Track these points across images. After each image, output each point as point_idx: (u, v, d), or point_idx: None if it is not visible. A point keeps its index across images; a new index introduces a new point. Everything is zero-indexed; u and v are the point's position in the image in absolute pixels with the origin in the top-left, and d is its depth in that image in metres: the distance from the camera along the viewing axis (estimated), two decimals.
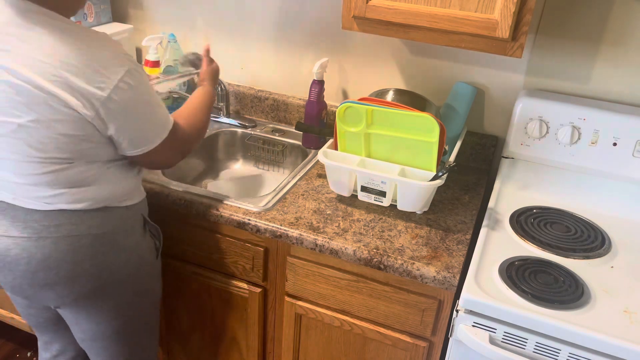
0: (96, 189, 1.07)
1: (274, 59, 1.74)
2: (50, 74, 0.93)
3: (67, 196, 1.04)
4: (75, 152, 1.01)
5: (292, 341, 1.42)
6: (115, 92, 0.98)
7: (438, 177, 1.24)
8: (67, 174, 1.02)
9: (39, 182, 1.01)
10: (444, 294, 1.18)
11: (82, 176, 1.04)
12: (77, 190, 1.04)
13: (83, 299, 1.13)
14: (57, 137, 0.98)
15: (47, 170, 1.00)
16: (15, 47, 0.94)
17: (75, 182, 1.03)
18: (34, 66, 0.93)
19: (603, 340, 0.97)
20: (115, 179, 1.10)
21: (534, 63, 1.44)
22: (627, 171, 1.34)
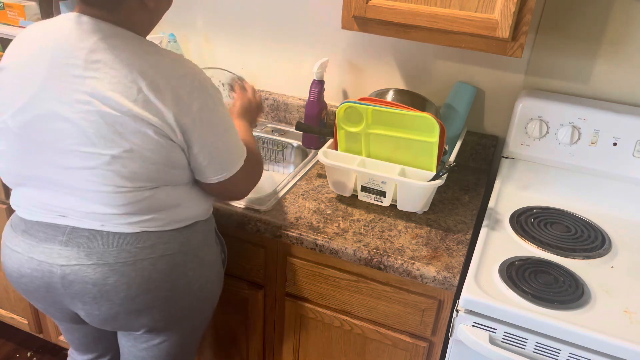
0: (181, 210, 1.04)
1: (274, 59, 1.74)
2: (141, 99, 0.91)
3: (156, 221, 1.01)
4: (162, 178, 0.98)
5: (292, 341, 1.42)
6: (199, 115, 0.96)
7: (438, 177, 1.24)
8: (154, 199, 0.99)
9: (128, 211, 0.98)
10: (444, 294, 1.18)
11: (168, 199, 1.01)
12: (164, 215, 1.02)
13: (176, 320, 1.10)
14: (149, 166, 0.95)
15: (136, 199, 0.97)
16: (104, 74, 0.91)
17: (162, 207, 1.01)
18: (124, 92, 0.90)
19: (603, 340, 0.97)
20: (197, 198, 1.08)
21: (534, 63, 1.44)
22: (627, 171, 1.34)
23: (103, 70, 0.91)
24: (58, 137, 0.93)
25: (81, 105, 0.91)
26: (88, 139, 0.92)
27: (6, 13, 1.79)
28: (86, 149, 0.92)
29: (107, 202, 0.96)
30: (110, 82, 0.90)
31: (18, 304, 1.88)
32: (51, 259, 1.00)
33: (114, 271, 0.99)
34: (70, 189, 0.97)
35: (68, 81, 0.91)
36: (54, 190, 0.98)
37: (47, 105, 0.92)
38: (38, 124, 0.94)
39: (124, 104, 0.90)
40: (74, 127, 0.92)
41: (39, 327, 1.91)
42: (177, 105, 0.93)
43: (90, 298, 1.01)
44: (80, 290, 1.01)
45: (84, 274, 0.99)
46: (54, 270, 1.00)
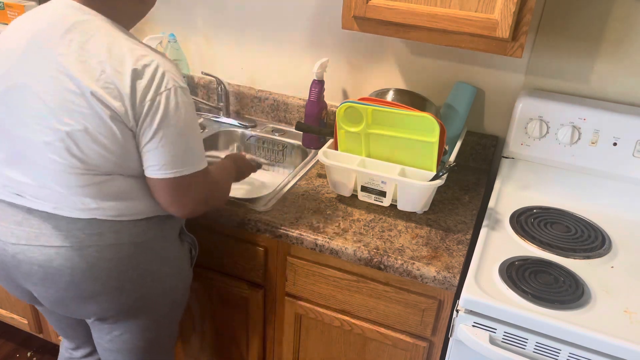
0: (136, 204, 1.04)
1: (274, 59, 1.74)
2: (103, 80, 0.93)
3: (108, 210, 1.02)
4: (117, 164, 0.99)
5: (292, 341, 1.42)
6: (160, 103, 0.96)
7: (438, 177, 1.24)
8: (108, 187, 1.00)
9: (80, 193, 0.99)
10: (444, 294, 1.18)
11: (122, 189, 1.02)
12: (117, 205, 1.02)
13: (125, 313, 1.10)
14: (101, 151, 0.96)
15: (89, 183, 0.98)
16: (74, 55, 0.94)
17: (116, 196, 1.01)
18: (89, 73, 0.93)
19: (603, 340, 0.97)
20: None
21: (534, 63, 1.44)
22: (627, 171, 1.34)
23: (74, 49, 0.94)
24: (25, 109, 0.97)
25: (50, 80, 0.94)
26: (50, 113, 0.95)
27: (6, 13, 1.79)
28: (45, 123, 0.95)
29: (60, 180, 0.98)
30: (78, 61, 0.94)
31: (18, 304, 1.88)
32: (4, 237, 1.03)
33: (59, 255, 1.01)
34: (30, 163, 0.99)
35: (42, 57, 0.95)
36: (15, 163, 1.01)
37: (20, 78, 0.97)
38: (9, 96, 0.98)
39: (86, 83, 0.93)
40: (39, 101, 0.95)
41: (39, 327, 1.91)
42: (138, 91, 0.95)
43: (37, 279, 1.03)
44: (27, 271, 1.03)
45: (31, 255, 1.01)
46: (7, 248, 1.03)
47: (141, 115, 0.96)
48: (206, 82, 1.84)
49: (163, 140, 0.98)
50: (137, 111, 0.95)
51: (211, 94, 1.86)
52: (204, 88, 1.86)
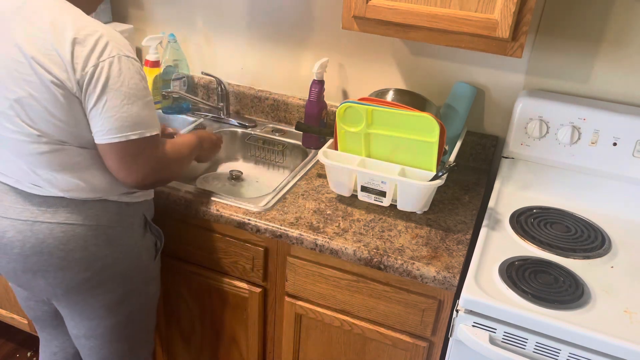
0: (91, 176, 1.08)
1: (274, 59, 1.74)
2: (46, 48, 0.97)
3: (65, 182, 1.05)
4: (65, 133, 1.02)
5: (292, 341, 1.42)
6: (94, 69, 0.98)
7: (438, 177, 1.24)
8: (62, 157, 1.04)
9: (34, 162, 1.03)
10: (444, 294, 1.18)
11: (77, 159, 1.05)
12: (73, 176, 1.05)
13: (74, 293, 1.13)
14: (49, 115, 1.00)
15: (40, 151, 1.02)
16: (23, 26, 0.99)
17: (71, 167, 1.05)
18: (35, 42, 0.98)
19: (603, 340, 0.97)
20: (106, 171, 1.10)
21: (534, 63, 1.44)
22: (627, 171, 1.34)
23: (23, 22, 1.00)
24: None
25: (2, 54, 1.00)
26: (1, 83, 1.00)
27: None
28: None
29: (15, 149, 1.03)
30: (26, 33, 0.99)
31: (18, 304, 1.88)
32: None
33: (13, 227, 1.06)
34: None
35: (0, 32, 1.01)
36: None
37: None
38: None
39: (29, 50, 0.97)
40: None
41: None
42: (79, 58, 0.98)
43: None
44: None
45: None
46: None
47: (84, 82, 0.99)
48: (206, 82, 1.84)
49: (107, 105, 1.00)
50: (79, 78, 0.98)
51: (211, 94, 1.86)
52: (204, 88, 1.86)
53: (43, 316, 1.34)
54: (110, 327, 1.22)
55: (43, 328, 1.39)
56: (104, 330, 1.22)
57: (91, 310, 1.18)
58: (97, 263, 1.11)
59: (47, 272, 1.09)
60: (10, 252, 1.08)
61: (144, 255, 1.21)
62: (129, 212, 1.16)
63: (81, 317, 1.19)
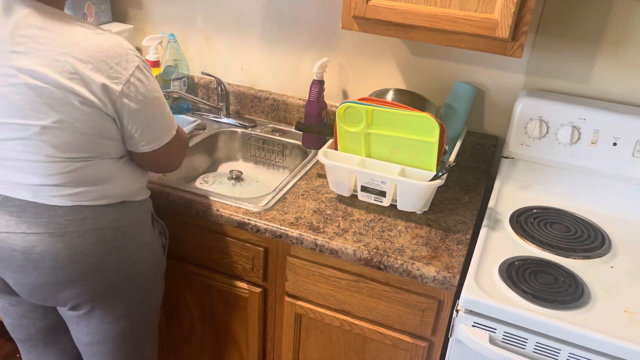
0: (114, 185, 1.09)
1: (274, 59, 1.74)
2: (67, 71, 0.95)
3: (88, 194, 1.05)
4: (94, 150, 1.02)
5: (292, 341, 1.42)
6: (127, 86, 1.00)
7: (438, 177, 1.24)
8: (87, 172, 1.03)
9: (60, 182, 1.02)
10: (444, 294, 1.18)
11: (101, 173, 1.05)
12: (96, 188, 1.06)
13: (100, 297, 1.12)
14: (80, 137, 0.99)
15: (68, 170, 1.01)
16: (30, 49, 0.95)
17: (94, 180, 1.05)
18: (52, 65, 0.95)
19: (603, 340, 0.97)
20: (130, 175, 1.12)
21: (534, 63, 1.44)
22: (627, 171, 1.34)
23: (28, 44, 0.95)
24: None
25: (8, 79, 0.95)
26: (18, 110, 0.96)
27: None
28: (15, 121, 0.97)
29: (38, 171, 1.00)
30: (37, 56, 0.95)
31: None
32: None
33: (42, 241, 1.03)
34: (2, 159, 1.01)
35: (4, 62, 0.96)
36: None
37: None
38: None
39: (51, 75, 0.94)
40: (3, 100, 0.96)
41: None
42: (107, 78, 0.97)
43: (17, 266, 1.05)
44: (8, 258, 1.04)
45: (12, 242, 1.03)
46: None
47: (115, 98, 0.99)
48: (206, 82, 1.84)
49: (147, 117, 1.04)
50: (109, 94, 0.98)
51: (211, 94, 1.86)
52: (204, 88, 1.86)
53: (35, 335, 1.30)
54: (125, 329, 1.21)
55: (31, 350, 1.34)
56: (120, 332, 1.20)
57: (111, 313, 1.17)
58: (126, 263, 1.12)
59: (79, 281, 1.08)
60: (41, 266, 1.04)
61: (158, 251, 1.23)
62: (143, 210, 1.18)
63: (100, 321, 1.17)
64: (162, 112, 1.09)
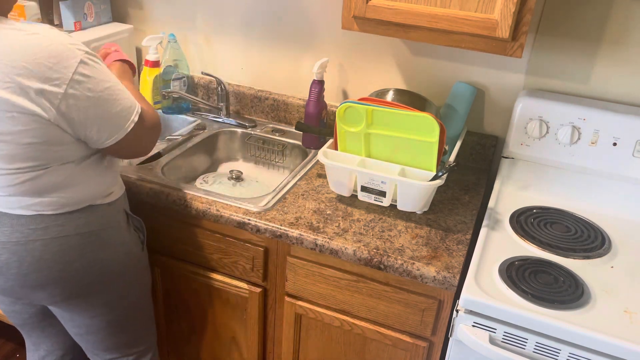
0: (75, 191, 1.06)
1: (274, 59, 1.74)
2: (2, 81, 0.90)
3: (48, 203, 1.04)
4: (45, 157, 0.99)
5: (292, 341, 1.42)
6: (71, 86, 0.95)
7: (438, 177, 1.24)
8: (41, 181, 1.01)
9: (16, 192, 1.01)
10: (444, 294, 1.18)
11: (58, 180, 1.03)
12: (56, 196, 1.04)
13: (75, 297, 1.14)
14: (24, 147, 0.96)
15: (20, 181, 1.00)
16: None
17: (51, 188, 1.03)
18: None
19: (603, 340, 0.97)
20: (91, 178, 1.09)
21: (534, 63, 1.44)
22: (627, 171, 1.34)
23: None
24: None
25: None
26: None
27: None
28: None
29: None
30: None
31: None
32: None
33: (6, 249, 1.04)
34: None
35: None
36: None
37: None
38: None
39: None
40: None
41: None
42: (46, 82, 0.92)
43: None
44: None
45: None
46: None
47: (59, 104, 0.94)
48: (206, 82, 1.85)
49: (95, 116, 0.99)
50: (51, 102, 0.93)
51: (211, 94, 1.86)
52: (204, 88, 1.86)
53: (30, 319, 1.32)
54: (111, 321, 1.23)
55: (30, 333, 1.37)
56: (106, 324, 1.22)
57: (91, 310, 1.19)
58: (94, 267, 1.12)
59: (47, 286, 1.09)
60: (7, 272, 1.06)
61: (133, 248, 1.22)
62: (113, 211, 1.16)
63: (82, 316, 1.19)
64: (117, 102, 1.02)
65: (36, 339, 1.39)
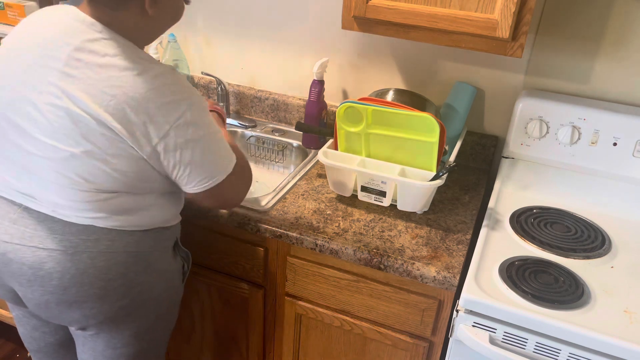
0: (142, 215, 1.04)
1: (274, 59, 1.74)
2: (112, 107, 0.91)
3: (110, 220, 1.01)
4: (126, 186, 0.98)
5: (292, 341, 1.42)
6: (174, 129, 0.94)
7: (438, 177, 1.24)
8: (112, 203, 1.00)
9: (82, 207, 0.99)
10: (444, 294, 1.18)
11: (128, 206, 1.01)
12: (120, 217, 1.01)
13: (108, 321, 1.08)
14: (110, 171, 0.95)
15: (92, 199, 0.98)
16: (82, 74, 0.92)
17: (119, 211, 1.01)
18: (97, 97, 0.91)
19: (603, 340, 0.97)
20: (162, 206, 1.08)
21: (534, 63, 1.44)
22: (627, 171, 1.34)
23: (81, 70, 0.92)
24: (26, 121, 0.95)
25: (52, 98, 0.92)
26: (52, 131, 0.93)
27: (6, 13, 1.79)
28: (48, 140, 0.94)
29: (61, 194, 0.97)
30: (85, 84, 0.91)
31: None
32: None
33: (52, 258, 1.00)
34: (30, 173, 0.98)
35: (47, 73, 0.93)
36: (16, 170, 1.00)
37: (24, 90, 0.95)
38: (12, 105, 0.96)
39: (93, 108, 0.91)
40: (42, 117, 0.94)
41: None
42: (151, 119, 0.92)
43: (24, 280, 1.02)
44: (16, 271, 1.02)
45: (22, 255, 1.00)
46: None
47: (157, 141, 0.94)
48: (206, 82, 1.85)
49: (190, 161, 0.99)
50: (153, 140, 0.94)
51: (211, 94, 1.86)
52: (204, 88, 1.86)
53: (46, 348, 1.28)
54: (132, 354, 1.17)
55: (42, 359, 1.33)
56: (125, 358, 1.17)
57: (119, 339, 1.13)
58: (135, 289, 1.07)
59: (84, 303, 1.04)
60: (47, 284, 1.01)
61: (175, 278, 1.17)
62: (166, 236, 1.12)
63: (106, 346, 1.13)
64: (213, 151, 1.01)
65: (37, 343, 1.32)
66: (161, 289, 1.12)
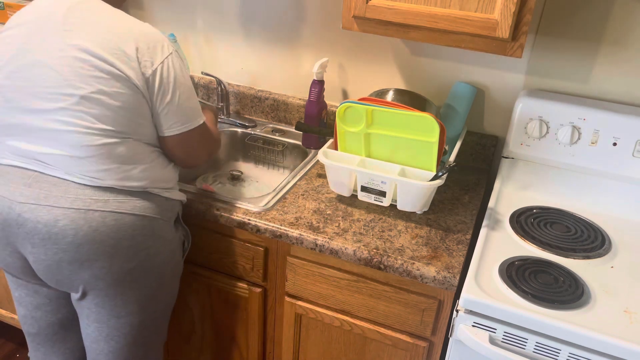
0: (142, 169, 1.13)
1: (274, 59, 1.74)
2: (111, 47, 1.05)
3: (115, 172, 1.09)
4: (128, 126, 1.09)
5: (292, 341, 1.42)
6: (161, 67, 1.09)
7: (438, 177, 1.24)
8: (117, 150, 1.09)
9: (92, 154, 1.07)
10: (444, 294, 1.18)
11: (131, 153, 1.11)
12: (125, 168, 1.10)
13: (115, 284, 1.13)
14: (116, 110, 1.06)
15: (101, 143, 1.07)
16: (78, 28, 1.06)
17: (124, 159, 1.10)
18: (98, 42, 1.05)
19: (603, 340, 0.97)
20: (156, 164, 1.16)
21: (534, 63, 1.44)
22: (627, 171, 1.34)
23: (78, 25, 1.07)
24: (35, 82, 1.06)
25: (59, 52, 1.05)
26: (63, 80, 1.04)
27: (6, 13, 1.79)
28: (58, 90, 1.05)
29: (73, 142, 1.06)
30: (86, 33, 1.06)
31: None
32: (13, 196, 1.08)
33: (65, 216, 1.06)
34: (41, 131, 1.07)
35: (49, 34, 1.06)
36: (27, 136, 1.08)
37: (30, 55, 1.07)
38: (20, 73, 1.07)
39: (96, 50, 1.05)
40: (51, 71, 1.05)
41: None
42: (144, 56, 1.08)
43: (39, 239, 1.07)
44: (31, 230, 1.07)
45: (38, 213, 1.06)
46: (13, 207, 1.08)
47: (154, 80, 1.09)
48: (206, 82, 1.85)
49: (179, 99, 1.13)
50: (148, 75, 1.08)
51: (211, 94, 1.86)
52: (204, 88, 1.86)
53: (46, 329, 1.30)
54: (135, 325, 1.21)
55: (39, 347, 1.34)
56: (129, 329, 1.20)
57: (122, 307, 1.17)
58: (142, 253, 1.14)
59: (95, 262, 1.09)
60: (61, 241, 1.07)
61: (177, 251, 1.25)
62: (168, 207, 1.20)
63: (110, 314, 1.17)
64: (189, 100, 1.16)
65: (43, 355, 1.35)
66: (165, 257, 1.20)
